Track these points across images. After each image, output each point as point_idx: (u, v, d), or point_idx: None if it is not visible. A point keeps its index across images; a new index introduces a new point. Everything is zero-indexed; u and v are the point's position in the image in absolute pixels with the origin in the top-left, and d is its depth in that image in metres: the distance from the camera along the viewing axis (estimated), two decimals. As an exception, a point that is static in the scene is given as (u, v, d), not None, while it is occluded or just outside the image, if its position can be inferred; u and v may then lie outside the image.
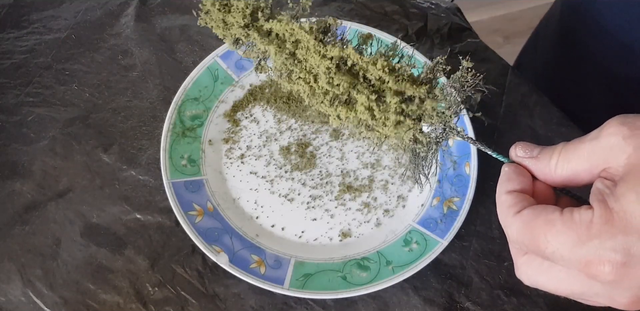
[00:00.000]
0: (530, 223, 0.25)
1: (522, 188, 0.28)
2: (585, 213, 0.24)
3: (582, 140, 0.26)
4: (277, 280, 0.43)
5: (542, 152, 0.27)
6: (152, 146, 0.49)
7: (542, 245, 0.25)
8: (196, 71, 0.48)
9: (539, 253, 0.25)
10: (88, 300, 0.43)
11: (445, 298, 0.44)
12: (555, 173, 0.27)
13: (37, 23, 0.54)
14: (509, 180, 0.28)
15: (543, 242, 0.24)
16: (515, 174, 0.28)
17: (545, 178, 0.27)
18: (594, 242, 0.23)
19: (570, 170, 0.26)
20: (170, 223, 0.46)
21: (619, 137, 0.24)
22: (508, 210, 0.27)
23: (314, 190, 0.47)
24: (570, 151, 0.26)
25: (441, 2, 0.56)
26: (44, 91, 0.51)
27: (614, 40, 0.50)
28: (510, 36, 1.37)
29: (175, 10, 0.55)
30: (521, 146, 0.29)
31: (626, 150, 0.24)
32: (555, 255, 0.24)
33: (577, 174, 0.26)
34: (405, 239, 0.45)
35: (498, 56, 0.54)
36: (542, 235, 0.25)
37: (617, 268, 0.23)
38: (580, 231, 0.23)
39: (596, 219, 0.23)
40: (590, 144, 0.25)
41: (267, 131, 0.49)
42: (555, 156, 0.26)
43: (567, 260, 0.24)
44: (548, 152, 0.27)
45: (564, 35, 0.59)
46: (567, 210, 0.25)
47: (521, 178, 0.28)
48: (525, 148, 0.28)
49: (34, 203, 0.47)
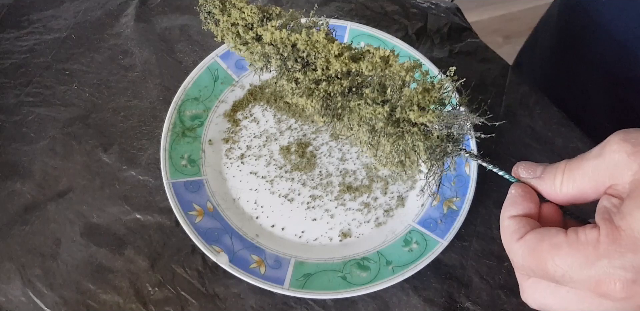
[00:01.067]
0: (536, 248, 0.25)
1: (526, 212, 0.27)
2: (590, 232, 0.24)
3: (585, 157, 0.25)
4: (277, 280, 0.43)
5: (546, 172, 0.27)
6: (152, 146, 0.49)
7: (550, 270, 0.24)
8: (196, 71, 0.48)
9: (547, 278, 0.25)
10: (88, 300, 0.43)
11: (445, 298, 0.44)
12: (560, 191, 0.26)
13: (37, 23, 0.54)
14: (514, 204, 0.28)
15: (551, 266, 0.24)
16: (521, 198, 0.28)
17: (551, 197, 0.27)
18: (603, 262, 0.23)
19: (575, 188, 0.26)
20: (170, 223, 0.46)
21: (623, 154, 0.24)
22: (511, 236, 0.26)
23: (314, 190, 0.47)
24: (574, 169, 0.26)
25: (441, 2, 0.56)
26: (44, 91, 0.51)
27: (612, 40, 0.50)
28: (510, 36, 1.37)
29: (175, 10, 0.55)
30: (523, 166, 0.28)
31: (632, 167, 0.23)
32: (565, 278, 0.24)
33: (583, 192, 0.26)
34: (405, 239, 0.45)
35: (498, 56, 0.54)
36: (549, 260, 0.24)
37: (628, 286, 0.22)
38: (587, 251, 0.23)
39: (603, 238, 0.23)
40: (595, 161, 0.25)
41: (267, 131, 0.49)
42: (559, 175, 0.26)
43: (577, 282, 0.24)
44: (551, 171, 0.27)
45: (562, 35, 0.59)
46: (571, 231, 0.24)
47: (526, 203, 0.28)
48: (528, 168, 0.28)
49: (34, 203, 0.47)
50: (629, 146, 0.24)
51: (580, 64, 0.56)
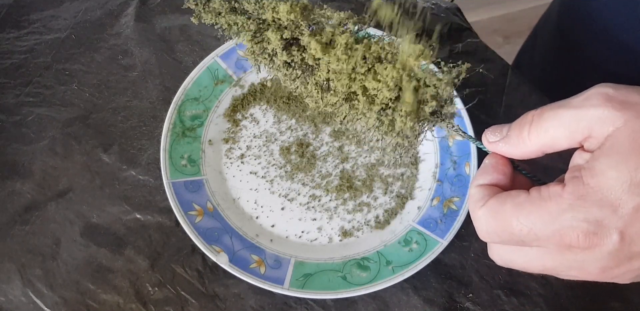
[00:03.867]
0: (499, 210, 0.25)
1: (494, 182, 0.27)
2: (554, 188, 0.24)
3: (562, 106, 0.25)
4: (277, 280, 0.43)
5: (512, 128, 0.27)
6: (152, 146, 0.49)
7: (515, 230, 0.24)
8: (196, 71, 0.48)
9: (513, 240, 0.25)
10: (88, 300, 0.43)
11: (445, 298, 0.44)
12: (530, 141, 0.26)
13: (37, 23, 0.54)
14: (483, 174, 0.28)
15: (516, 225, 0.24)
16: (491, 169, 0.28)
17: (520, 150, 0.27)
18: (567, 215, 0.23)
19: (548, 137, 0.25)
20: (170, 223, 0.46)
21: (610, 108, 0.24)
22: (475, 204, 0.27)
23: (314, 190, 0.47)
24: (547, 118, 0.25)
25: (441, 2, 0.56)
26: (44, 91, 0.51)
27: (611, 40, 0.50)
28: (510, 36, 1.37)
29: (175, 10, 0.55)
30: (490, 130, 0.28)
31: (615, 122, 0.23)
32: (530, 236, 0.24)
33: (556, 140, 0.25)
34: (405, 239, 0.45)
35: (498, 55, 0.54)
36: (513, 220, 0.24)
37: (589, 238, 0.23)
38: (550, 207, 0.23)
39: (567, 195, 0.23)
40: (574, 111, 0.24)
41: (267, 131, 0.49)
42: (526, 126, 0.26)
43: (542, 238, 0.24)
44: (517, 126, 0.26)
45: (562, 35, 0.59)
46: (533, 190, 0.25)
47: (496, 174, 0.28)
48: (494, 131, 0.28)
49: (34, 203, 0.47)
50: (617, 102, 0.24)
51: (580, 64, 0.56)
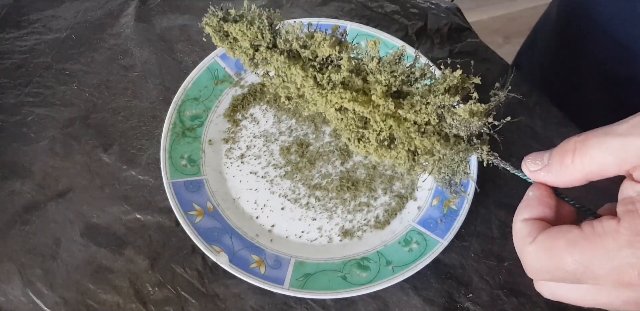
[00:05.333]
0: (551, 247, 0.24)
1: (540, 216, 0.26)
2: (607, 223, 0.23)
3: (608, 134, 0.24)
4: (277, 280, 0.43)
5: (553, 155, 0.25)
6: (152, 146, 0.49)
7: (569, 268, 0.23)
8: (196, 71, 0.48)
9: (567, 278, 0.24)
10: (88, 300, 0.43)
11: (445, 298, 0.44)
12: (574, 169, 0.24)
13: (37, 23, 0.54)
14: (527, 207, 0.27)
15: (571, 264, 0.23)
16: (536, 202, 0.26)
17: (566, 179, 0.25)
18: (624, 252, 0.22)
19: (594, 165, 0.24)
20: (170, 223, 0.46)
21: None
22: (523, 240, 0.25)
23: (314, 190, 0.47)
24: (592, 146, 0.24)
25: (441, 2, 0.56)
26: (44, 91, 0.51)
27: (610, 40, 0.50)
28: (510, 36, 1.37)
29: (175, 10, 0.55)
30: (530, 158, 0.27)
31: None
32: (587, 275, 0.23)
33: (603, 168, 0.24)
34: (405, 239, 0.45)
35: (498, 56, 0.54)
36: (567, 257, 0.23)
37: None
38: (607, 243, 0.22)
39: (624, 230, 0.22)
40: (622, 140, 0.23)
41: (267, 131, 0.49)
42: (569, 153, 0.24)
43: (600, 277, 0.22)
44: (559, 154, 0.25)
45: (561, 35, 0.59)
46: (586, 225, 0.23)
47: (541, 207, 0.26)
48: (534, 159, 0.27)
49: (34, 203, 0.47)
50: None
51: (579, 64, 0.56)
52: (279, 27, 0.32)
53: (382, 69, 0.30)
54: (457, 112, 0.28)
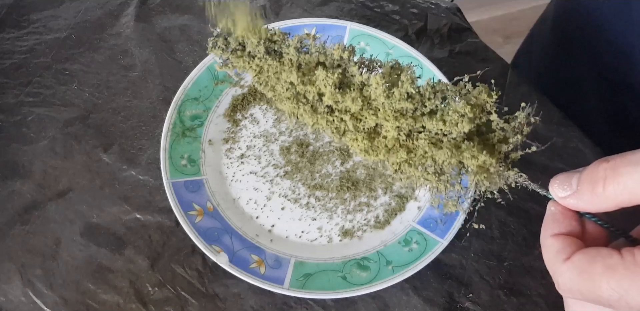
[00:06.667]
0: (587, 270, 0.23)
1: (569, 230, 0.26)
2: None
3: (639, 162, 0.23)
4: (277, 280, 0.43)
5: (582, 182, 0.25)
6: (152, 146, 0.49)
7: (604, 294, 0.23)
8: (196, 71, 0.48)
9: (600, 302, 0.23)
10: (88, 300, 0.43)
11: (445, 298, 0.44)
12: (606, 197, 0.24)
13: (37, 23, 0.54)
14: (555, 222, 0.26)
15: (606, 291, 0.23)
16: (562, 216, 0.26)
17: (597, 207, 0.25)
18: None
19: (627, 193, 0.23)
20: (170, 223, 0.46)
21: None
22: (556, 256, 0.25)
23: (314, 190, 0.47)
24: (624, 174, 0.23)
25: (441, 2, 0.56)
26: (44, 91, 0.51)
27: (606, 43, 0.50)
28: (510, 36, 1.37)
29: (175, 10, 0.55)
30: (558, 183, 0.26)
31: None
32: (621, 303, 0.22)
33: (637, 196, 0.23)
34: (405, 239, 0.45)
35: (498, 55, 0.54)
36: (604, 283, 0.23)
37: None
38: None
39: None
40: None
41: (267, 131, 0.49)
42: (600, 182, 0.24)
43: (634, 307, 0.22)
44: (588, 181, 0.24)
45: (558, 37, 0.59)
46: (626, 252, 0.23)
47: (568, 221, 0.26)
48: (562, 184, 0.26)
49: (34, 203, 0.47)
50: None
51: (576, 66, 0.56)
52: (282, 48, 0.32)
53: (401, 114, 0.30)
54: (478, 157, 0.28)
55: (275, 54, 0.32)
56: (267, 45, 0.32)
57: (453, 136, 0.29)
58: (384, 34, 0.49)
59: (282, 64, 0.32)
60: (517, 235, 0.46)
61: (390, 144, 0.30)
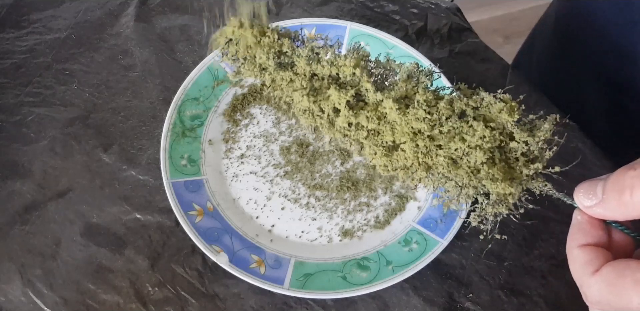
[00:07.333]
0: (616, 283, 0.23)
1: (597, 241, 0.25)
2: None
3: None
4: (277, 280, 0.43)
5: (607, 191, 0.24)
6: (152, 146, 0.49)
7: (634, 307, 0.23)
8: (196, 71, 0.48)
9: None
10: (88, 300, 0.43)
11: (445, 298, 0.44)
12: (634, 205, 0.23)
13: (37, 23, 0.54)
14: (581, 232, 0.26)
15: (636, 304, 0.22)
16: (589, 225, 0.26)
17: (625, 215, 0.24)
18: None
19: None
20: (170, 223, 0.46)
21: None
22: (584, 268, 0.25)
23: (314, 190, 0.47)
24: None
25: (441, 2, 0.56)
26: (44, 91, 0.51)
27: (607, 44, 0.50)
28: (510, 36, 1.37)
29: (175, 10, 0.55)
30: (583, 192, 0.26)
31: None
32: None
33: None
34: (405, 239, 0.45)
35: (498, 55, 0.54)
36: (634, 297, 0.22)
37: None
38: None
39: None
40: None
41: (267, 131, 0.49)
42: (627, 191, 0.23)
43: None
44: (614, 189, 0.24)
45: (559, 38, 0.59)
46: None
47: (595, 231, 0.26)
48: (587, 193, 0.26)
49: (34, 203, 0.47)
50: None
51: (577, 66, 0.56)
52: (293, 58, 0.32)
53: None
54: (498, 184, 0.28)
55: (287, 65, 0.32)
56: (277, 59, 0.32)
57: (471, 159, 0.29)
58: (384, 34, 0.49)
59: (296, 73, 0.32)
60: (517, 235, 0.46)
61: (409, 162, 0.30)
